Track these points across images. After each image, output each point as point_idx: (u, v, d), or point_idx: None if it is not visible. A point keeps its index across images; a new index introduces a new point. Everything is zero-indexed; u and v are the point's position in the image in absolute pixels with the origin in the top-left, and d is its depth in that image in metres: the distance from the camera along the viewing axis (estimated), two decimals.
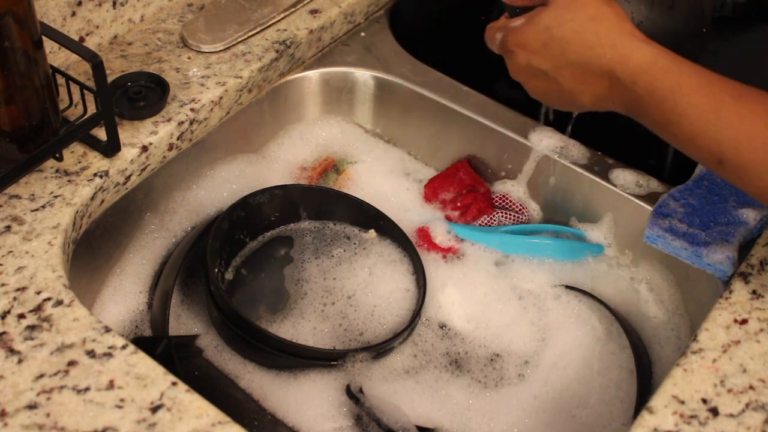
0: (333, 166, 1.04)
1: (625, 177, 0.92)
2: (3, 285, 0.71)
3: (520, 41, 0.74)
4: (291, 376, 0.82)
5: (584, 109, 0.76)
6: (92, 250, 0.85)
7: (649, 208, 0.89)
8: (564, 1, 0.72)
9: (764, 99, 0.65)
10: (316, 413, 0.80)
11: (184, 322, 0.87)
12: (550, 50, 0.72)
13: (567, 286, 0.93)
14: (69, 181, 0.81)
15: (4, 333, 0.68)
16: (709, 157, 0.66)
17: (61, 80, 0.82)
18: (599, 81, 0.71)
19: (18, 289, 0.71)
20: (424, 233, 0.96)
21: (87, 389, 0.64)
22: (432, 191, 1.01)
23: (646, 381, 0.82)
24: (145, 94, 0.89)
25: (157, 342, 0.78)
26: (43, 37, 0.74)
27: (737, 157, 0.65)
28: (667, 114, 0.67)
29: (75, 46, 0.77)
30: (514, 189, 1.00)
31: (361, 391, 0.81)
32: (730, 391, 0.68)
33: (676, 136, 0.68)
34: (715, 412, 0.66)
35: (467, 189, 1.00)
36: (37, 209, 0.78)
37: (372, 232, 0.95)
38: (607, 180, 0.92)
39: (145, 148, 0.86)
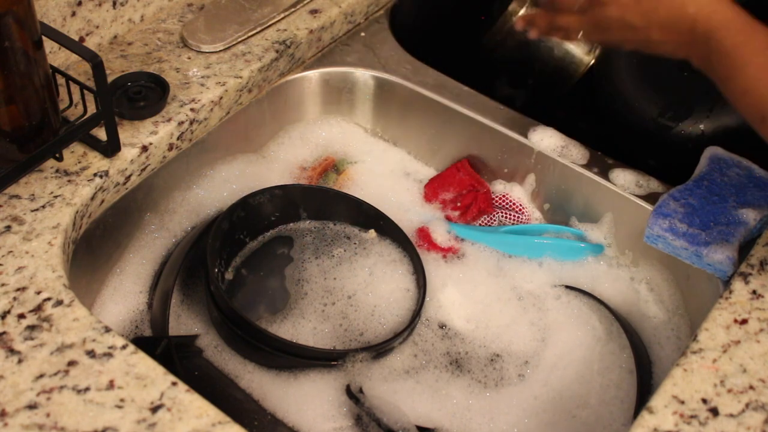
0: (333, 166, 1.04)
1: (625, 177, 0.92)
2: (3, 285, 0.71)
3: None
4: (291, 376, 0.82)
5: (656, 53, 0.80)
6: (92, 250, 0.85)
7: (649, 208, 0.89)
8: None
9: None
10: (316, 413, 0.80)
11: (184, 322, 0.87)
12: (642, 6, 0.77)
13: (567, 286, 0.93)
14: (69, 181, 0.81)
15: (4, 333, 0.68)
16: (756, 113, 0.71)
17: (61, 80, 0.82)
18: (683, 35, 0.76)
19: (18, 289, 0.71)
20: (424, 233, 0.96)
21: (87, 389, 0.64)
22: (432, 191, 1.01)
23: (646, 381, 0.82)
24: (145, 94, 0.89)
25: (157, 342, 0.78)
26: (43, 37, 0.74)
27: None
28: (728, 69, 0.73)
29: (75, 46, 0.77)
30: (514, 189, 1.00)
31: (361, 391, 0.81)
32: (730, 391, 0.68)
33: (732, 91, 0.73)
34: (715, 412, 0.66)
35: (467, 189, 1.00)
36: (37, 209, 0.78)
37: (372, 232, 0.95)
38: (607, 180, 0.92)
39: (145, 148, 0.86)
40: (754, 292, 0.76)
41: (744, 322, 0.73)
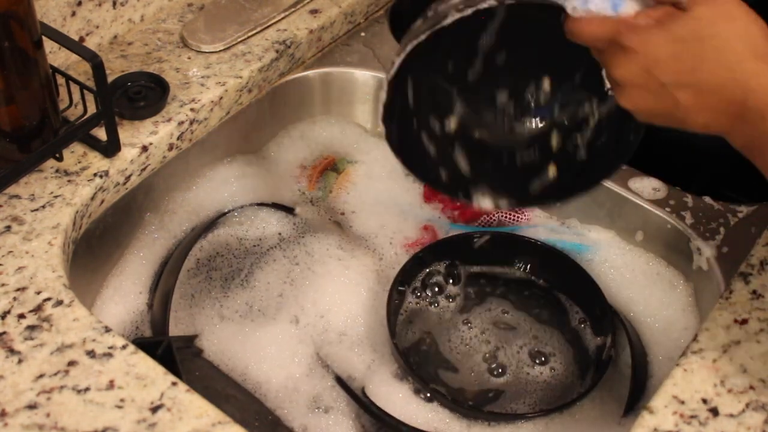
0: (333, 166, 1.04)
1: (641, 182, 0.92)
2: (3, 285, 0.71)
3: (643, 42, 0.61)
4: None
5: (683, 127, 0.64)
6: (92, 250, 0.85)
7: (650, 208, 0.89)
8: (707, 13, 0.60)
9: None
10: (312, 408, 0.80)
11: (184, 322, 0.87)
12: (679, 64, 0.60)
13: None
14: (69, 181, 0.81)
15: (4, 333, 0.68)
16: None
17: (61, 80, 0.82)
18: (725, 107, 0.60)
19: (18, 289, 0.71)
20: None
21: (87, 389, 0.64)
22: (432, 191, 1.01)
23: (640, 379, 0.82)
24: (145, 94, 0.89)
25: (157, 343, 0.78)
26: (43, 37, 0.74)
27: None
28: None
29: (75, 46, 0.77)
30: None
31: (363, 391, 0.81)
32: (730, 391, 0.68)
33: None
34: (715, 412, 0.66)
35: None
36: (37, 209, 0.78)
37: None
38: (608, 180, 0.92)
39: (145, 148, 0.86)
40: (754, 292, 0.76)
41: (744, 322, 0.73)
